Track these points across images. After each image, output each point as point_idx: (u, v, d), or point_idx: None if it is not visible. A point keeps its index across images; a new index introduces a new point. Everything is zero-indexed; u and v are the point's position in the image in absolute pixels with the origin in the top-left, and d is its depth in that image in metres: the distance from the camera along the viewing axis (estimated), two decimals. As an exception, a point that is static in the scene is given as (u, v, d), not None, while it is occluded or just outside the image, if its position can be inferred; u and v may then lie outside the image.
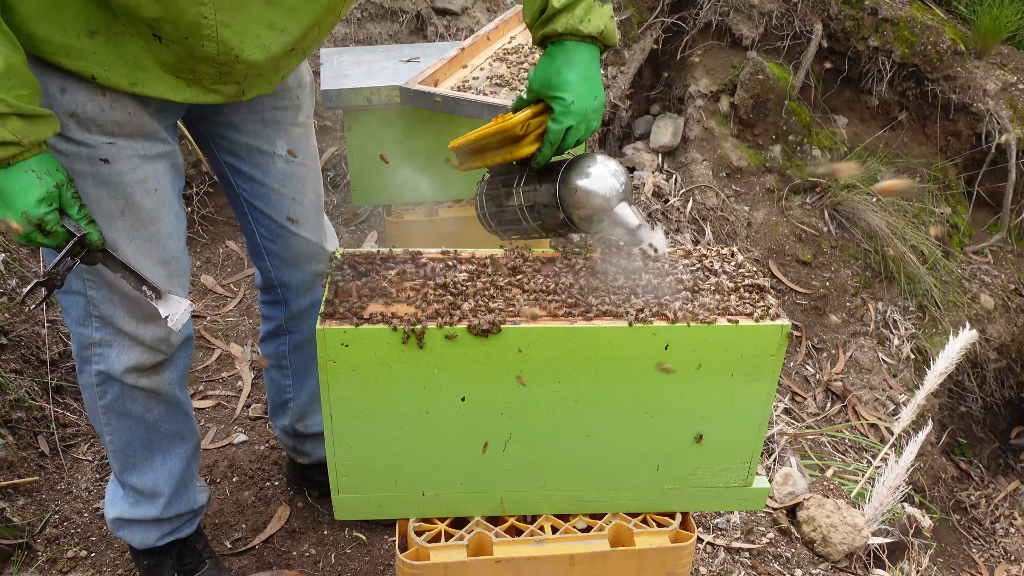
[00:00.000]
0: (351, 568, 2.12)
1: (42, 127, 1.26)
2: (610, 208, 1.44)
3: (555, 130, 1.44)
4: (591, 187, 1.44)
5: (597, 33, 1.43)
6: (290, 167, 1.70)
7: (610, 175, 1.45)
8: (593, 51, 1.46)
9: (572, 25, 1.41)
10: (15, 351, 2.44)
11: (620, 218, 1.44)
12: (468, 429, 1.40)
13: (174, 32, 1.28)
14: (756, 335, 1.37)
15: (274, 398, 2.09)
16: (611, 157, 1.49)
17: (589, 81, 1.45)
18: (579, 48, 1.44)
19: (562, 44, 1.44)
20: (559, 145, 1.46)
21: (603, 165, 1.46)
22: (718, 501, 1.54)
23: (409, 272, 1.48)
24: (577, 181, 1.44)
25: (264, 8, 1.31)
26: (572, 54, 1.44)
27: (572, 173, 1.46)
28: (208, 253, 3.32)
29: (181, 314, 1.46)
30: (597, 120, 1.48)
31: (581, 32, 1.42)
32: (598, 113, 1.47)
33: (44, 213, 1.27)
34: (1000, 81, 4.05)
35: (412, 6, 3.65)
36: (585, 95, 1.44)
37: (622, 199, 1.44)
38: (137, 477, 1.77)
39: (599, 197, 1.43)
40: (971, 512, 3.61)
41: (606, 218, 1.45)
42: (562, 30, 1.42)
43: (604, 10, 1.44)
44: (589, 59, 1.45)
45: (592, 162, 1.46)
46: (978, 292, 3.96)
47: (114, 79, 1.34)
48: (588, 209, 1.45)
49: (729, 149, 3.81)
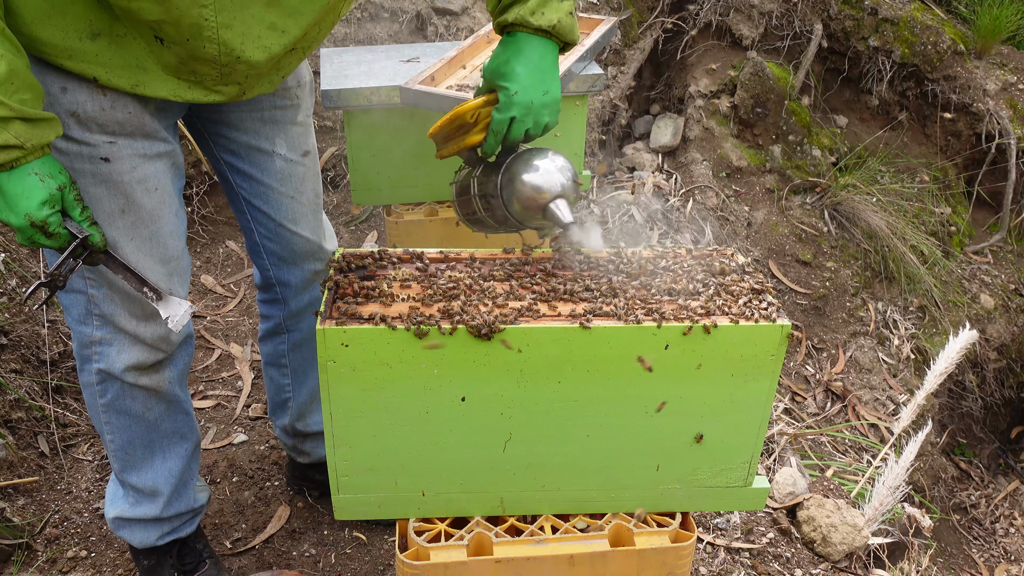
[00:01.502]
0: (351, 568, 2.12)
1: (45, 130, 1.26)
2: (545, 203, 1.44)
3: (498, 120, 1.44)
4: (530, 179, 1.44)
5: (549, 27, 1.42)
6: (289, 166, 1.71)
7: (555, 170, 1.45)
8: (547, 45, 1.45)
9: (522, 16, 1.41)
10: (15, 351, 2.44)
11: (553, 214, 1.44)
12: (468, 429, 1.40)
13: (175, 34, 1.28)
14: (756, 335, 1.37)
15: (273, 397, 2.09)
16: (560, 154, 1.49)
17: (538, 74, 1.44)
18: (531, 40, 1.43)
19: (514, 35, 1.44)
20: (505, 136, 1.45)
21: (549, 160, 1.45)
22: (718, 501, 1.54)
23: (409, 272, 1.48)
24: (518, 172, 1.45)
25: (265, 9, 1.31)
26: (523, 45, 1.43)
27: (516, 163, 1.46)
28: (208, 253, 3.32)
29: (181, 315, 1.47)
30: (549, 115, 1.47)
31: (532, 24, 1.41)
32: (548, 108, 1.46)
33: (47, 215, 1.27)
34: (1000, 81, 4.05)
35: (412, 6, 3.65)
36: (532, 87, 1.43)
37: (559, 195, 1.44)
38: (137, 476, 1.77)
39: (534, 190, 1.44)
40: (971, 512, 3.61)
41: (541, 212, 1.45)
42: (512, 20, 1.42)
43: (562, 5, 1.43)
44: (541, 52, 1.44)
45: (539, 155, 1.46)
46: (978, 292, 3.96)
47: (116, 81, 1.35)
48: (523, 201, 1.45)
49: (729, 149, 3.81)
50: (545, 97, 1.45)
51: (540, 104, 1.45)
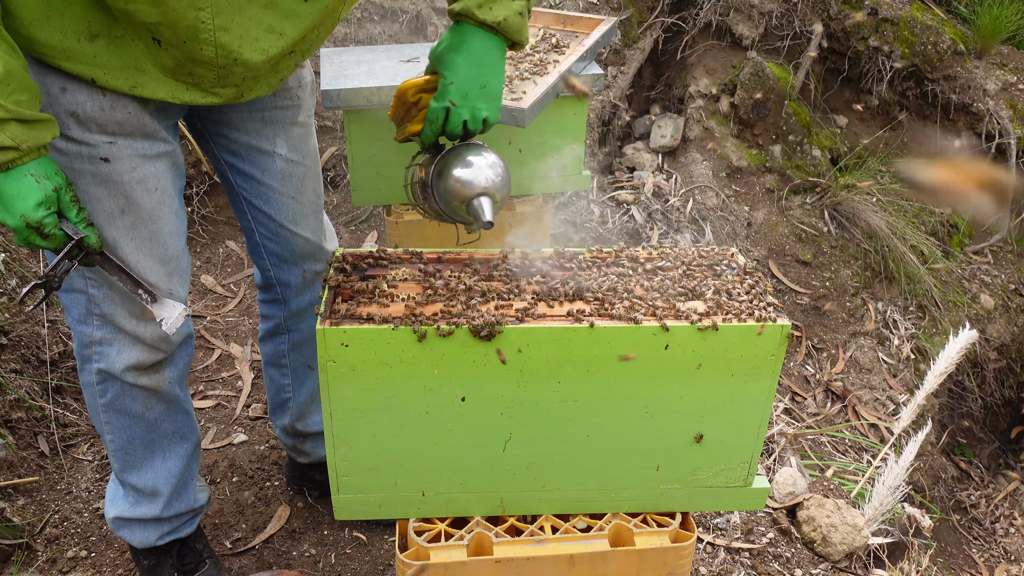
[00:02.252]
0: (351, 568, 2.12)
1: (41, 132, 1.26)
2: (468, 198, 1.45)
3: (433, 108, 1.45)
4: (457, 172, 1.45)
5: (495, 23, 1.42)
6: (290, 167, 1.71)
7: (486, 166, 1.46)
8: (492, 40, 1.44)
9: (468, 8, 1.41)
10: (15, 351, 2.44)
11: (475, 210, 1.45)
12: (468, 429, 1.40)
13: (172, 36, 1.28)
14: (756, 335, 1.37)
15: (273, 397, 2.09)
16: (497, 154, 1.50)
17: (477, 67, 1.44)
18: (475, 33, 1.43)
19: (461, 25, 1.44)
20: (443, 126, 1.46)
21: (482, 156, 1.46)
22: (718, 501, 1.54)
23: (409, 272, 1.48)
24: (450, 164, 1.46)
25: (262, 12, 1.31)
26: (466, 37, 1.44)
27: (449, 155, 1.47)
28: (208, 253, 3.32)
29: (176, 318, 1.47)
30: (487, 110, 1.47)
31: (476, 17, 1.41)
32: (486, 102, 1.46)
33: (42, 216, 1.28)
34: (1000, 81, 4.05)
35: (412, 6, 3.64)
36: (468, 79, 1.43)
37: (484, 192, 1.45)
38: (137, 476, 1.77)
39: (460, 183, 1.45)
40: (971, 512, 3.61)
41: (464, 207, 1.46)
42: (459, 10, 1.42)
43: (512, 4, 1.43)
44: (486, 47, 1.44)
45: (473, 150, 1.47)
46: (978, 292, 3.95)
47: (114, 82, 1.35)
48: (449, 194, 1.46)
49: (729, 149, 3.81)
50: (482, 91, 1.45)
51: (476, 96, 1.45)
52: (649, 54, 4.06)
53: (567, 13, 2.49)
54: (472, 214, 1.46)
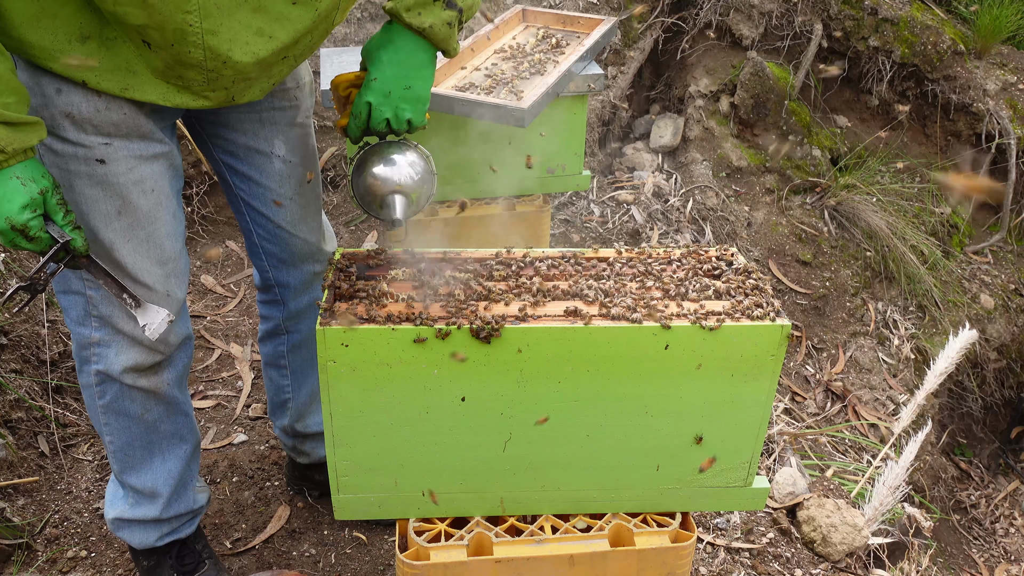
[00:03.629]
0: (351, 568, 2.12)
1: (27, 134, 1.26)
2: (382, 194, 1.45)
3: (356, 103, 1.46)
4: (373, 169, 1.46)
5: (420, 29, 1.43)
6: (288, 167, 1.70)
7: (404, 164, 1.46)
8: (419, 44, 1.45)
9: (397, 9, 1.42)
10: (15, 351, 2.44)
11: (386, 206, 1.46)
12: (468, 429, 1.40)
13: (160, 39, 1.28)
14: (756, 335, 1.37)
15: (273, 398, 2.09)
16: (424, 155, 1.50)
17: (402, 66, 1.44)
18: (404, 34, 1.44)
19: (392, 24, 1.45)
20: (365, 122, 1.47)
21: (402, 155, 1.47)
22: (718, 501, 1.54)
23: (409, 272, 1.48)
24: (368, 160, 1.47)
25: (251, 15, 1.31)
26: (394, 36, 1.45)
27: (371, 152, 1.48)
28: (208, 253, 3.32)
29: (159, 324, 1.47)
30: (411, 111, 1.47)
31: (403, 20, 1.42)
32: (410, 103, 1.46)
33: (27, 219, 1.27)
34: (1000, 81, 4.04)
35: (412, 6, 3.64)
36: (392, 78, 1.44)
37: (398, 190, 1.45)
38: (136, 477, 1.77)
39: (375, 179, 1.46)
40: (971, 512, 3.61)
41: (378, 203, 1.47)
42: (388, 9, 1.43)
43: (442, 13, 1.44)
44: (413, 49, 1.45)
45: (395, 149, 1.48)
46: (978, 292, 3.95)
47: (105, 84, 1.34)
48: (365, 188, 1.47)
49: (729, 149, 3.81)
50: (406, 92, 1.46)
51: (399, 96, 1.45)
52: (649, 54, 4.06)
53: (567, 13, 2.49)
54: (384, 210, 1.46)
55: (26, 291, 1.36)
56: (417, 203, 1.49)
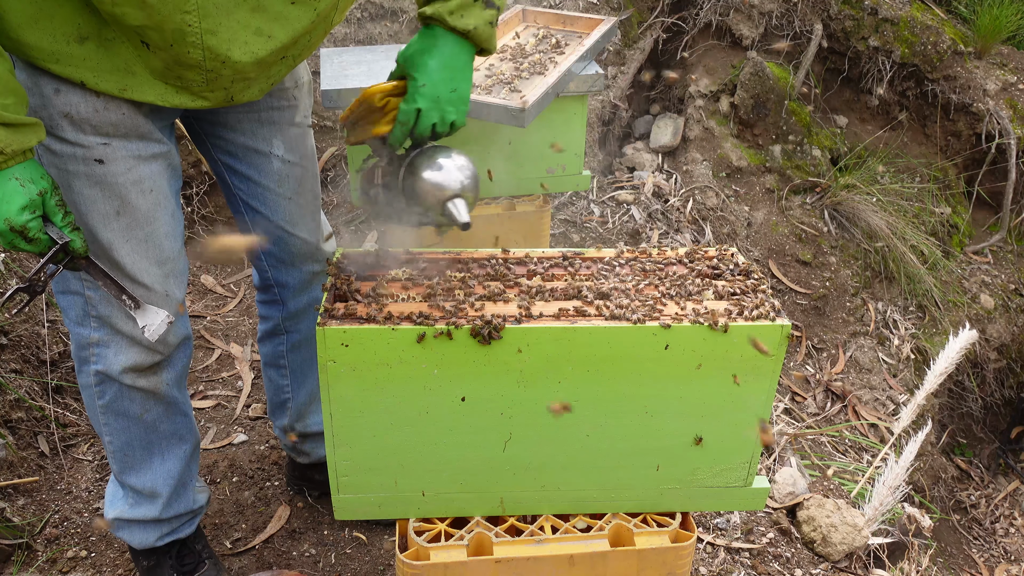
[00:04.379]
0: (351, 568, 2.12)
1: (26, 135, 1.26)
2: (443, 200, 1.45)
3: (404, 110, 1.45)
4: (429, 176, 1.45)
5: (465, 31, 1.43)
6: (287, 167, 1.70)
7: (454, 168, 1.46)
8: (462, 46, 1.45)
9: (441, 13, 1.42)
10: (15, 351, 2.44)
11: (451, 212, 1.45)
12: (468, 429, 1.40)
13: (159, 39, 1.28)
14: (756, 335, 1.36)
15: (273, 398, 2.09)
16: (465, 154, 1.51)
17: (449, 71, 1.44)
18: (447, 38, 1.44)
19: (432, 28, 1.45)
20: (412, 129, 1.46)
21: (452, 158, 1.47)
22: (718, 501, 1.54)
23: (409, 272, 1.48)
24: (421, 167, 1.46)
25: (250, 15, 1.31)
26: (439, 40, 1.44)
27: (419, 159, 1.47)
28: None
29: (158, 325, 1.47)
30: (456, 113, 1.47)
31: (447, 23, 1.42)
32: (456, 105, 1.47)
33: (26, 220, 1.27)
34: (1000, 81, 4.04)
35: (412, 6, 3.64)
36: (441, 82, 1.44)
37: (459, 194, 1.45)
38: (136, 477, 1.77)
39: (434, 186, 1.45)
40: (971, 512, 3.61)
41: (439, 210, 1.46)
42: (431, 14, 1.43)
43: (484, 13, 1.44)
44: (457, 52, 1.45)
45: (443, 153, 1.47)
46: (978, 292, 3.95)
47: (103, 85, 1.34)
48: (422, 197, 1.46)
49: (729, 149, 3.81)
50: (453, 94, 1.46)
51: (447, 100, 1.45)
52: (649, 54, 4.06)
53: (567, 13, 2.49)
54: (448, 216, 1.46)
55: (25, 292, 1.36)
56: (472, 204, 1.49)
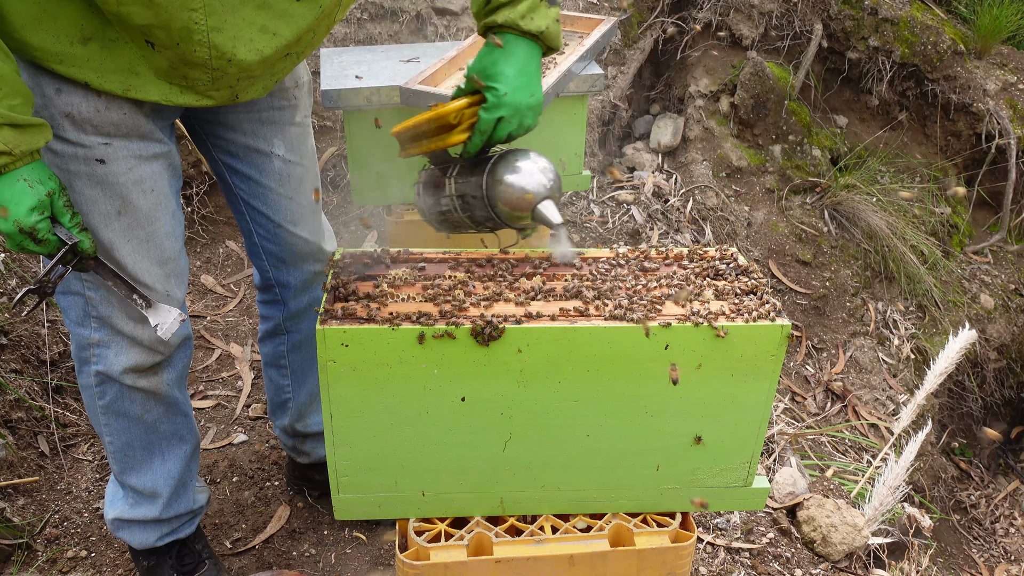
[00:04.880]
0: (351, 568, 2.12)
1: (34, 136, 1.26)
2: (533, 204, 1.44)
3: (485, 119, 1.44)
4: (517, 181, 1.44)
5: (538, 32, 1.44)
6: (287, 167, 1.70)
7: (538, 171, 1.45)
8: (533, 49, 1.46)
9: (512, 19, 1.42)
10: (15, 351, 2.44)
11: (542, 215, 1.44)
12: (468, 429, 1.40)
13: (166, 38, 1.28)
14: (756, 335, 1.36)
15: (273, 398, 2.09)
16: (542, 155, 1.50)
17: (525, 76, 1.45)
18: (519, 43, 1.45)
19: (503, 36, 1.45)
20: (490, 136, 1.46)
21: (533, 160, 1.46)
22: (718, 501, 1.54)
23: (409, 272, 1.48)
24: (504, 174, 1.45)
25: (255, 12, 1.31)
26: (512, 47, 1.44)
27: (500, 165, 1.46)
28: (208, 253, 3.32)
29: (170, 323, 1.47)
30: (532, 118, 1.48)
31: (521, 28, 1.43)
32: (533, 111, 1.47)
33: (35, 221, 1.27)
34: (1000, 81, 4.05)
35: (412, 6, 3.64)
36: (520, 89, 1.44)
37: (547, 196, 1.44)
38: (136, 477, 1.77)
39: (524, 191, 1.44)
40: (971, 512, 3.61)
41: (530, 213, 1.45)
42: (502, 22, 1.43)
43: (550, 12, 1.45)
44: (529, 56, 1.46)
45: (523, 156, 1.46)
46: (978, 292, 3.96)
47: (107, 85, 1.34)
48: (512, 202, 1.45)
49: (729, 149, 3.81)
50: (531, 99, 1.47)
51: (526, 106, 1.46)
52: (649, 54, 4.06)
53: (567, 13, 2.49)
54: (539, 219, 1.45)
55: (35, 294, 1.36)
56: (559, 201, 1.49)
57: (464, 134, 1.47)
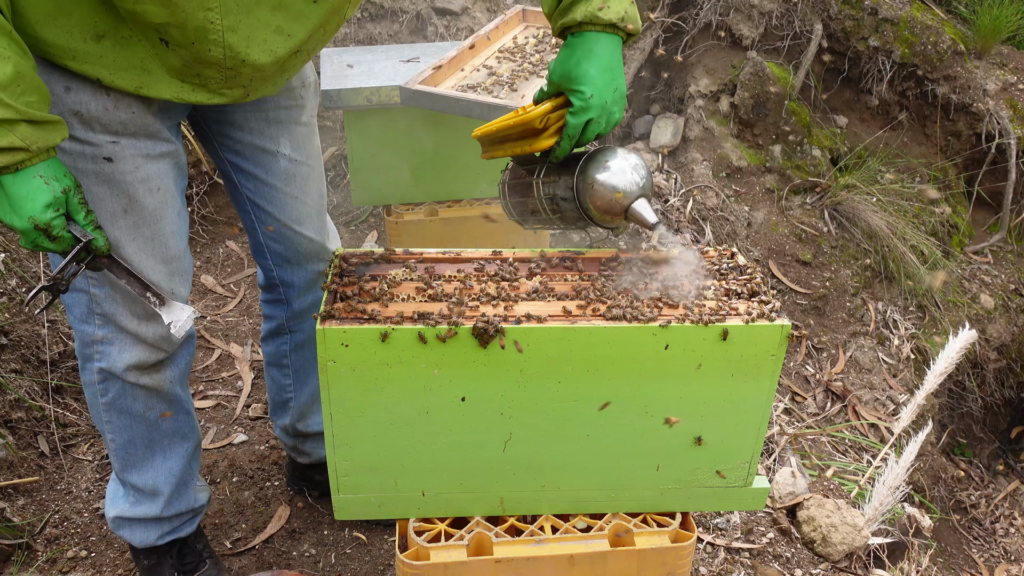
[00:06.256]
0: (351, 568, 2.12)
1: (51, 133, 1.26)
2: (628, 203, 1.40)
3: (573, 124, 1.40)
4: (609, 181, 1.40)
5: (618, 20, 1.38)
6: (293, 166, 1.71)
7: (630, 169, 1.41)
8: (614, 40, 1.41)
9: (591, 13, 1.37)
10: (15, 351, 2.44)
11: (637, 214, 1.41)
12: (468, 429, 1.40)
13: (181, 37, 1.28)
14: (756, 335, 1.37)
15: (275, 397, 2.09)
16: (632, 151, 1.45)
17: (610, 73, 1.40)
18: (599, 38, 1.39)
19: (582, 35, 1.40)
20: (579, 139, 1.43)
21: (623, 159, 1.42)
22: (718, 501, 1.54)
23: (409, 272, 1.48)
24: (595, 175, 1.41)
25: (270, 13, 1.31)
26: (592, 45, 1.40)
27: (591, 166, 1.42)
28: (208, 253, 3.32)
29: (184, 320, 1.47)
30: (619, 112, 1.44)
31: (601, 20, 1.37)
32: (619, 105, 1.43)
33: (51, 218, 1.27)
34: (1000, 81, 4.05)
35: (412, 6, 3.65)
36: (605, 88, 1.40)
37: (641, 195, 1.41)
38: (138, 475, 1.77)
39: (617, 191, 1.40)
40: (971, 512, 3.61)
41: (623, 213, 1.42)
42: (581, 18, 1.38)
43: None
44: (611, 49, 1.41)
45: (612, 155, 1.42)
46: (978, 292, 3.96)
47: (119, 82, 1.35)
48: (605, 203, 1.41)
49: (729, 149, 3.81)
50: (615, 94, 1.42)
51: (612, 103, 1.42)
52: (649, 54, 4.06)
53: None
54: (634, 219, 1.41)
55: (49, 291, 1.36)
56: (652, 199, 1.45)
57: (552, 139, 1.43)
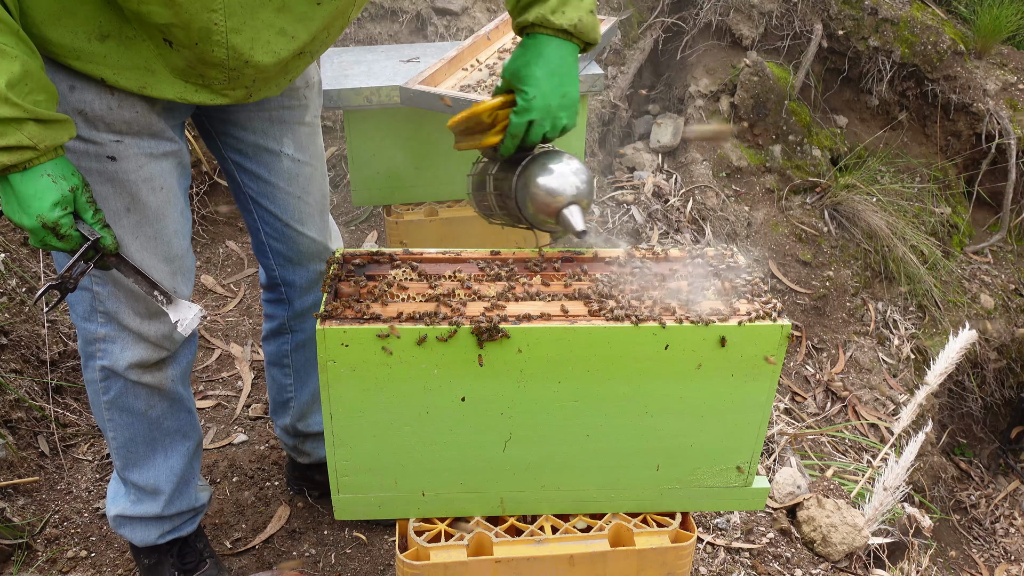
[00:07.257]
0: (351, 568, 2.12)
1: (58, 132, 1.26)
2: (559, 207, 1.43)
3: (515, 123, 1.43)
4: (545, 183, 1.43)
5: (570, 26, 1.40)
6: (296, 166, 1.71)
7: (569, 174, 1.43)
8: (567, 47, 1.43)
9: (543, 15, 1.39)
10: (15, 351, 2.44)
11: (566, 220, 1.43)
12: (468, 429, 1.40)
13: (185, 38, 1.28)
14: (756, 335, 1.37)
15: (275, 397, 2.09)
16: (576, 158, 1.48)
17: (557, 77, 1.42)
18: (551, 42, 1.41)
19: (535, 36, 1.42)
20: (523, 138, 1.44)
21: (564, 164, 1.44)
22: (718, 501, 1.54)
23: (409, 272, 1.48)
24: (533, 175, 1.43)
25: (274, 15, 1.31)
26: (543, 48, 1.41)
27: (531, 167, 1.44)
28: (208, 253, 3.32)
29: (191, 319, 1.46)
30: (567, 117, 1.45)
31: (552, 24, 1.39)
32: (566, 110, 1.45)
33: (58, 217, 1.27)
34: (1000, 81, 4.05)
35: (412, 6, 3.65)
36: (550, 91, 1.42)
37: (574, 201, 1.43)
38: (139, 474, 1.77)
39: (552, 194, 1.42)
40: (971, 512, 3.61)
41: (555, 217, 1.44)
42: (533, 20, 1.40)
43: (582, 3, 1.41)
44: (562, 54, 1.42)
45: (555, 159, 1.44)
46: (978, 292, 3.96)
47: (123, 82, 1.35)
48: (538, 204, 1.44)
49: (729, 149, 3.81)
50: (563, 100, 1.44)
51: (558, 107, 1.43)
52: (649, 54, 4.06)
53: (567, 13, 2.49)
54: (563, 224, 1.43)
55: (57, 290, 1.36)
56: (588, 207, 1.47)
57: (499, 135, 1.46)
